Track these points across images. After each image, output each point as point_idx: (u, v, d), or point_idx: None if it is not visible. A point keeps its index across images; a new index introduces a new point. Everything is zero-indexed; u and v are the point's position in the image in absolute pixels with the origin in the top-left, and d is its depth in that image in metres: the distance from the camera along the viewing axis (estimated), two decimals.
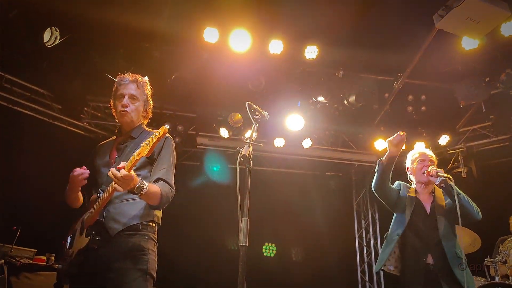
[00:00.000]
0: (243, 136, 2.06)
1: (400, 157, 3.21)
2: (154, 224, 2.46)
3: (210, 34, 5.57)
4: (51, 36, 5.42)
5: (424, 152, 3.39)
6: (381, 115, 7.30)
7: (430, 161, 3.29)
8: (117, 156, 2.52)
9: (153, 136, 2.08)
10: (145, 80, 2.68)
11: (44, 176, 5.73)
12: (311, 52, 5.92)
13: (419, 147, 6.91)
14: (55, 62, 5.80)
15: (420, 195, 3.30)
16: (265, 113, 2.51)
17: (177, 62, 6.16)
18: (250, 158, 2.15)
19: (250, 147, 2.17)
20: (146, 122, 2.74)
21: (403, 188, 3.40)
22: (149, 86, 2.70)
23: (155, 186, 2.31)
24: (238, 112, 6.92)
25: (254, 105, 2.45)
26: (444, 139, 7.18)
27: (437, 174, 3.07)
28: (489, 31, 4.42)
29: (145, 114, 2.69)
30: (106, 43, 5.88)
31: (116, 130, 2.75)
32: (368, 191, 9.09)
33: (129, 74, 2.63)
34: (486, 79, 6.19)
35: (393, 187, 3.38)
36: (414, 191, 3.34)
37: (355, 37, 5.74)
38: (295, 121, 6.90)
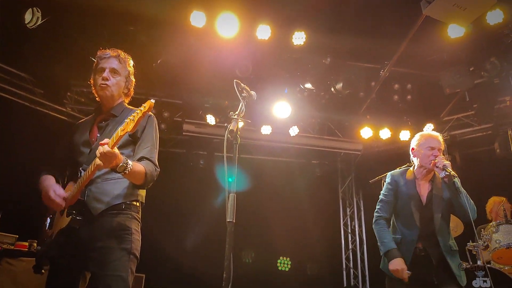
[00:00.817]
0: (231, 113, 2.00)
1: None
2: (138, 204, 2.41)
3: (197, 18, 5.46)
4: (32, 17, 5.22)
5: (435, 138, 3.20)
6: (367, 103, 7.35)
7: (439, 149, 3.14)
8: (98, 135, 2.44)
9: (138, 111, 2.01)
10: (128, 56, 2.61)
11: (26, 161, 5.59)
12: (299, 38, 5.87)
13: (429, 129, 6.88)
14: (37, 45, 5.60)
15: (419, 180, 3.22)
16: (253, 92, 2.48)
17: (163, 46, 6.02)
18: (238, 134, 2.12)
19: (238, 122, 2.14)
20: (127, 101, 2.65)
21: (397, 180, 3.27)
22: (132, 62, 2.62)
23: (139, 164, 2.26)
24: (225, 98, 6.87)
25: (242, 83, 2.41)
26: (428, 128, 7.25)
27: (443, 167, 2.98)
28: (476, 18, 4.44)
29: (126, 91, 2.60)
30: (90, 26, 5.70)
31: (96, 108, 2.65)
32: (353, 179, 9.19)
33: (111, 49, 2.55)
34: (471, 68, 6.26)
35: (390, 208, 3.25)
36: (412, 174, 3.25)
37: (343, 24, 5.71)
38: (282, 109, 6.89)
